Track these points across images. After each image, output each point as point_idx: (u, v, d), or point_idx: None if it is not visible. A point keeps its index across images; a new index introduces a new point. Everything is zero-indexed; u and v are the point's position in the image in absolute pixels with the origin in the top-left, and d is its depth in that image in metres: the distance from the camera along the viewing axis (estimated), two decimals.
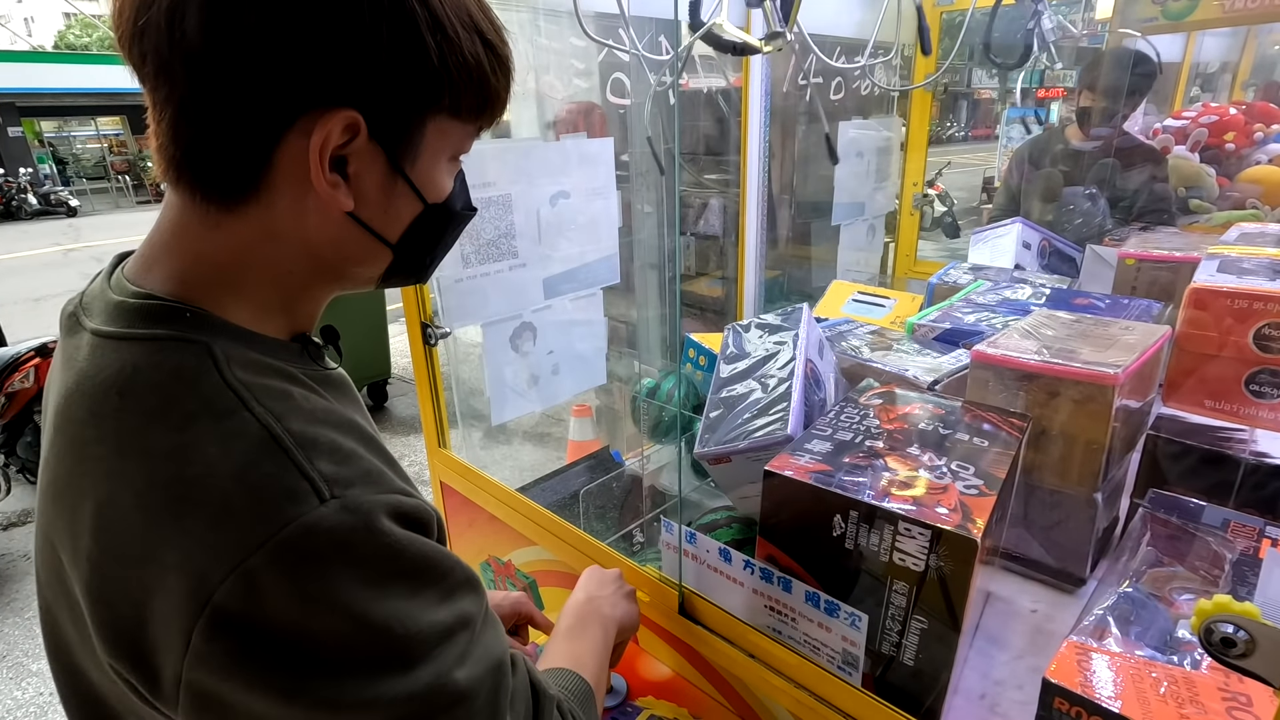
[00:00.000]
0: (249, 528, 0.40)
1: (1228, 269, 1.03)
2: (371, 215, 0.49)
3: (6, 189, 14.59)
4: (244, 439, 0.42)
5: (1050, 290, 1.31)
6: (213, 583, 0.39)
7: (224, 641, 0.40)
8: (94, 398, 0.44)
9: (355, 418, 0.50)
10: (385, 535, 0.43)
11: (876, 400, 0.89)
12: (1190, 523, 0.80)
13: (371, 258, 0.52)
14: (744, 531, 1.05)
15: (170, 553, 0.40)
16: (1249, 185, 1.98)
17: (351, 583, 0.42)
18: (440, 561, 0.47)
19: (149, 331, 0.45)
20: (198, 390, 0.43)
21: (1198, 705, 0.56)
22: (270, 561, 0.40)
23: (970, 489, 0.68)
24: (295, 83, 0.43)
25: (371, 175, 0.47)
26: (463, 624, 0.47)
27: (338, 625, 0.41)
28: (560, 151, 1.44)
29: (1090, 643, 0.63)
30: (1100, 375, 0.82)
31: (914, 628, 0.68)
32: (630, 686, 0.93)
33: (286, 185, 0.46)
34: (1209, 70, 3.39)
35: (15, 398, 3.05)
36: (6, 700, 2.26)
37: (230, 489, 0.41)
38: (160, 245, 0.48)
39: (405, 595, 0.44)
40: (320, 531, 0.41)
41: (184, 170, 0.45)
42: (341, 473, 0.44)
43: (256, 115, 0.43)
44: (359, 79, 0.44)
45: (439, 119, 0.48)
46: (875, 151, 2.24)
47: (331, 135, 0.44)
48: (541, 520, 1.12)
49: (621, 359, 2.24)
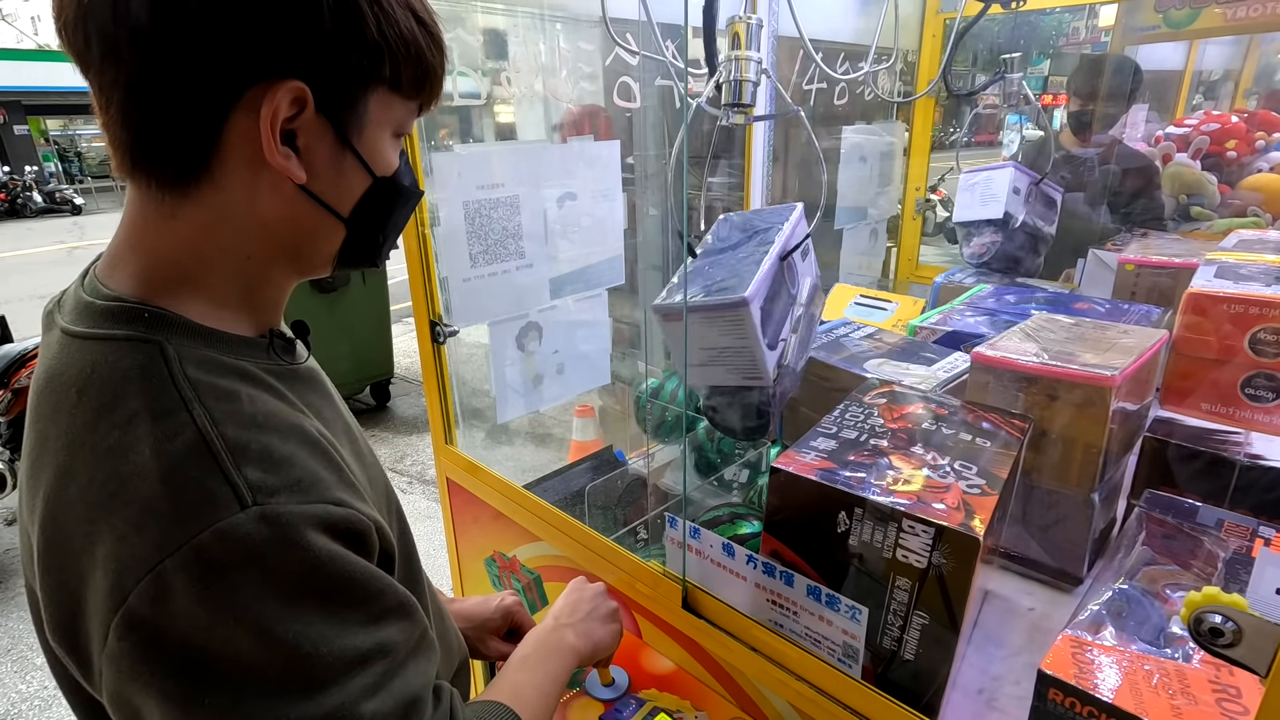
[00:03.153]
0: (168, 530, 0.40)
1: (1225, 274, 1.05)
2: (323, 189, 0.50)
3: (12, 187, 14.65)
4: (177, 441, 0.43)
5: (1050, 295, 1.33)
6: (130, 583, 0.40)
7: (129, 642, 0.40)
8: (58, 394, 0.46)
9: (302, 420, 0.50)
10: (302, 549, 0.42)
11: (880, 399, 0.91)
12: (1185, 522, 0.81)
13: (325, 233, 0.52)
14: (746, 527, 1.07)
15: (99, 547, 0.41)
16: (1250, 193, 1.99)
17: (261, 595, 0.41)
18: (367, 583, 0.46)
19: (108, 332, 0.46)
20: (144, 390, 0.44)
21: (1189, 697, 0.57)
22: (182, 565, 0.40)
23: (973, 488, 0.70)
24: (241, 55, 0.43)
25: (321, 148, 0.48)
26: (381, 652, 0.46)
27: (241, 638, 0.41)
28: (567, 154, 1.46)
29: (1085, 636, 0.64)
30: (1098, 378, 0.83)
31: (915, 624, 0.69)
32: (633, 679, 0.95)
33: (238, 162, 0.46)
34: (1211, 78, 3.41)
35: (21, 394, 3.07)
36: (11, 693, 2.28)
37: (156, 490, 0.41)
38: (123, 244, 0.50)
39: (319, 614, 0.43)
40: (234, 539, 0.41)
41: (137, 156, 0.46)
42: (268, 480, 0.43)
43: (204, 91, 0.44)
44: (303, 50, 0.45)
45: (381, 92, 0.49)
46: (878, 156, 2.26)
47: (280, 107, 0.45)
48: (547, 516, 1.14)
49: (625, 360, 2.26)
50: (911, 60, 2.32)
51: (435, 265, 1.26)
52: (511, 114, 1.67)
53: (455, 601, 0.87)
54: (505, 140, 1.75)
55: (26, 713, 2.20)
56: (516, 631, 0.87)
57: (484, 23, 1.45)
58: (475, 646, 0.82)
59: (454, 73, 1.31)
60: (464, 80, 1.34)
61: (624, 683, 0.94)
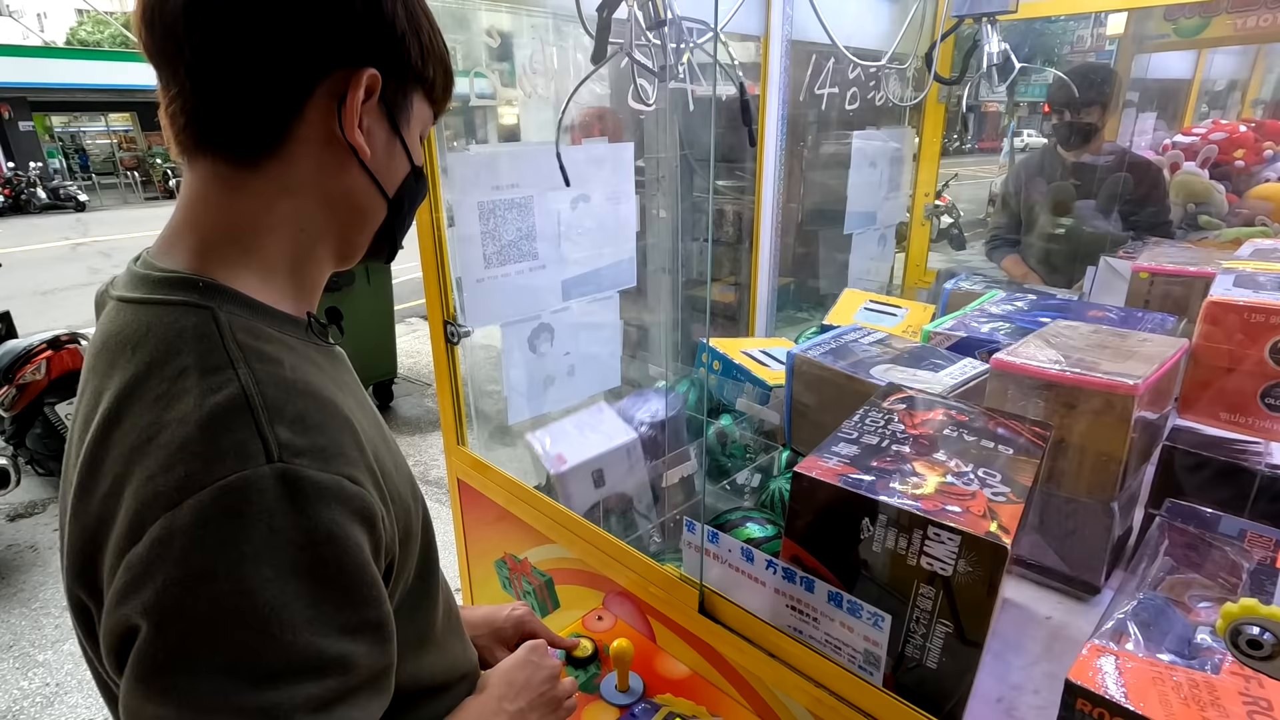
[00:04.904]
0: (194, 472, 0.42)
1: (1244, 284, 1.05)
2: (378, 169, 0.55)
3: (16, 183, 14.66)
4: (221, 393, 0.45)
5: (1062, 302, 1.33)
6: (148, 519, 0.42)
7: (130, 575, 0.42)
8: (113, 351, 0.49)
9: (338, 395, 0.52)
10: (309, 519, 0.43)
11: (900, 405, 0.90)
12: (1207, 532, 0.81)
13: (372, 211, 0.57)
14: (758, 531, 1.07)
15: (128, 486, 0.44)
16: (1258, 202, 1.99)
17: (257, 552, 0.42)
18: (357, 587, 0.46)
19: (165, 297, 0.49)
20: (196, 348, 0.47)
21: (1219, 709, 0.57)
22: (199, 506, 0.42)
23: (998, 496, 0.69)
24: (330, 42, 0.49)
25: (379, 132, 0.54)
26: (340, 666, 0.44)
27: (224, 595, 0.41)
28: (581, 155, 1.46)
29: (1111, 646, 0.64)
30: (1121, 386, 0.83)
31: (938, 632, 0.69)
32: (648, 684, 0.94)
33: (312, 138, 0.51)
34: (1218, 87, 3.42)
35: (26, 389, 3.06)
36: (13, 690, 2.27)
37: (192, 435, 0.43)
38: (180, 223, 0.53)
39: (299, 596, 0.43)
40: (252, 490, 0.42)
41: (210, 131, 0.50)
42: (296, 441, 0.45)
43: (292, 70, 0.49)
44: (379, 43, 0.51)
45: (420, 94, 0.56)
46: (888, 161, 2.26)
47: (362, 90, 0.50)
48: (559, 517, 1.13)
49: (634, 362, 2.26)
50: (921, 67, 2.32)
51: (450, 265, 1.26)
52: (515, 115, 1.67)
53: (466, 610, 0.86)
54: (509, 141, 1.75)
55: (29, 709, 2.20)
56: None
57: (491, 22, 1.45)
58: (485, 656, 0.82)
59: (471, 74, 1.31)
60: (480, 81, 1.33)
61: (639, 688, 0.94)
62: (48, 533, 3.11)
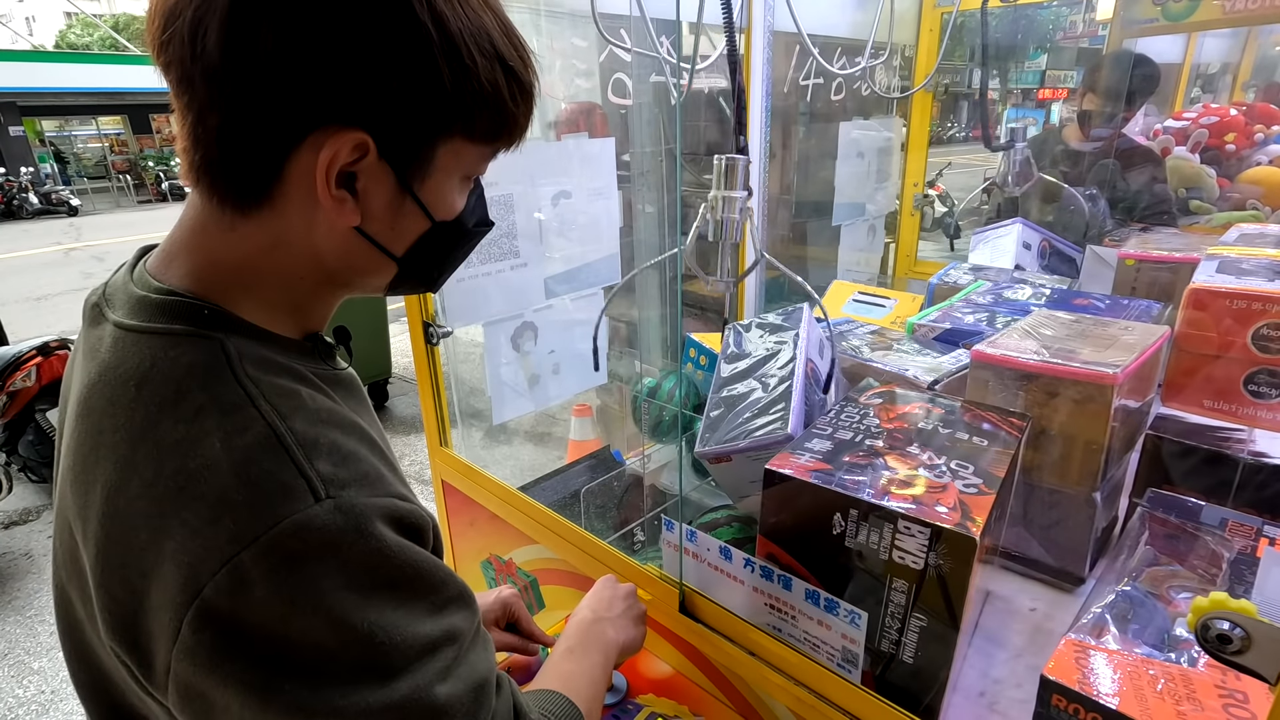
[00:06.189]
0: (244, 523, 0.41)
1: (1227, 269, 1.04)
2: (378, 230, 0.50)
3: (8, 188, 14.60)
4: (247, 435, 0.43)
5: (1050, 290, 1.32)
6: (204, 575, 0.40)
7: (208, 634, 0.40)
8: (114, 387, 0.46)
9: (359, 420, 0.51)
10: (376, 540, 0.44)
11: (876, 400, 0.89)
12: (1189, 522, 0.80)
13: (376, 269, 0.53)
14: (744, 530, 1.06)
15: (168, 542, 0.42)
16: (1249, 186, 1.98)
17: (337, 585, 0.42)
18: (432, 573, 0.47)
19: (168, 326, 0.47)
20: (208, 385, 0.45)
21: (1195, 702, 0.56)
22: (260, 557, 0.40)
23: (969, 488, 0.69)
24: (307, 101, 0.44)
25: (379, 192, 0.48)
26: (449, 639, 0.47)
27: (319, 627, 0.41)
28: (562, 151, 1.45)
29: (1088, 640, 0.63)
30: (1099, 375, 0.82)
31: (913, 626, 0.68)
32: (630, 684, 0.94)
33: (297, 196, 0.47)
34: (1209, 71, 3.40)
35: (17, 396, 3.05)
36: (8, 698, 2.26)
37: (229, 483, 0.42)
38: (180, 242, 0.50)
39: (391, 603, 0.44)
40: (311, 530, 0.42)
41: (203, 174, 0.47)
42: (339, 474, 0.44)
43: (269, 130, 0.45)
44: (369, 102, 0.45)
45: (452, 142, 0.49)
46: (876, 152, 2.24)
47: (339, 154, 0.45)
48: (542, 519, 1.13)
49: (622, 358, 2.25)
50: (909, 55, 2.31)
51: None
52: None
53: None
54: None
55: (24, 717, 2.19)
56: (514, 625, 0.87)
57: None
58: None
59: None
60: None
61: (622, 687, 0.93)
62: (42, 540, 3.10)
